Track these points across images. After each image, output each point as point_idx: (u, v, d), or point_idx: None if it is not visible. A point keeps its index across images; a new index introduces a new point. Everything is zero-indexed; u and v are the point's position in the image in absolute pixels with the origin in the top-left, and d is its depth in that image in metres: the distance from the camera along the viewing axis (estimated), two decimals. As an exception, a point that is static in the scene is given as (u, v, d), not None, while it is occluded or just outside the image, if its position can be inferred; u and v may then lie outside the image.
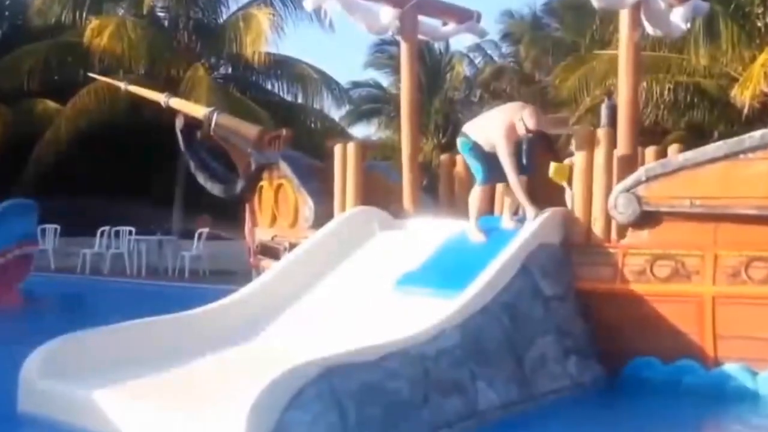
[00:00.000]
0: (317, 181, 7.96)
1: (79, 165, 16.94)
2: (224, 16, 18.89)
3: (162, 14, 18.89)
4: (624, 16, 6.71)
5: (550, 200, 6.40)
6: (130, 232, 15.25)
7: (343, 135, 20.18)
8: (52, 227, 14.93)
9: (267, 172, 8.40)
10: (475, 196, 6.45)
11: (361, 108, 26.51)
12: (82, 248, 14.98)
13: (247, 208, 9.04)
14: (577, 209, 6.31)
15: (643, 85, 14.36)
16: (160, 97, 9.44)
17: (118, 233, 15.36)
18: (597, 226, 6.24)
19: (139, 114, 15.18)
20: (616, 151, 6.41)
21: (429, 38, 9.18)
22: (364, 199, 7.41)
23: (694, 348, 5.79)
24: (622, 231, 6.17)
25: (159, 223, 16.19)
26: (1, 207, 10.18)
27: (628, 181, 6.04)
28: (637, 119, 6.89)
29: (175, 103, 9.38)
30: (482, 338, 5.06)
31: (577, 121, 15.09)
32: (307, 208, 7.79)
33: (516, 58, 26.47)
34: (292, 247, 7.26)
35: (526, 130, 6.15)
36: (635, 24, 6.71)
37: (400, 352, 4.51)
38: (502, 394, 4.94)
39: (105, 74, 14.35)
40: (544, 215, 6.16)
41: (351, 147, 7.73)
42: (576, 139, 6.56)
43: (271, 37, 17.37)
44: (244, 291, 6.16)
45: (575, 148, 6.48)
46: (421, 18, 7.84)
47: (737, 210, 5.67)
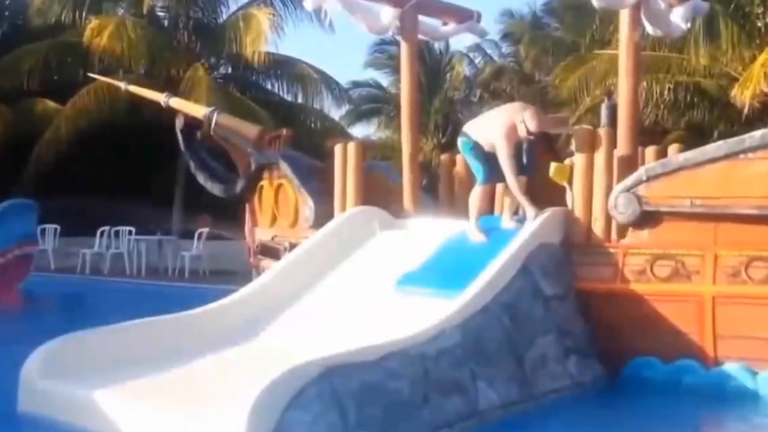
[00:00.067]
0: (317, 181, 7.94)
1: (79, 165, 16.93)
2: (224, 15, 18.93)
3: (162, 14, 18.91)
4: (624, 16, 6.71)
5: (552, 200, 6.40)
6: (130, 232, 15.25)
7: (343, 135, 20.17)
8: (52, 227, 14.92)
9: (267, 172, 8.40)
10: (476, 196, 6.44)
11: (361, 108, 26.52)
12: (82, 248, 15.00)
13: (247, 208, 9.03)
14: (577, 209, 6.31)
15: (643, 84, 14.36)
16: (160, 97, 9.44)
17: (118, 233, 15.36)
18: (597, 226, 6.23)
19: (139, 114, 15.18)
20: (616, 151, 6.42)
21: (429, 38, 9.18)
22: (365, 199, 7.41)
23: (694, 348, 5.78)
24: (622, 231, 6.17)
25: (159, 223, 16.19)
26: (1, 207, 10.18)
27: (629, 180, 6.04)
28: (638, 119, 6.89)
29: (175, 103, 9.38)
30: (482, 338, 5.05)
31: (577, 121, 15.06)
32: (307, 208, 7.78)
33: (516, 58, 26.47)
34: (292, 247, 7.26)
35: (527, 132, 6.13)
36: (635, 24, 6.70)
37: (401, 352, 4.50)
38: (503, 394, 4.94)
39: (105, 74, 14.36)
40: (544, 215, 6.16)
41: (351, 147, 7.72)
42: (576, 139, 6.56)
43: (271, 37, 17.43)
44: (244, 291, 6.16)
45: (575, 148, 6.48)
46: (421, 18, 7.83)
47: (737, 210, 5.67)
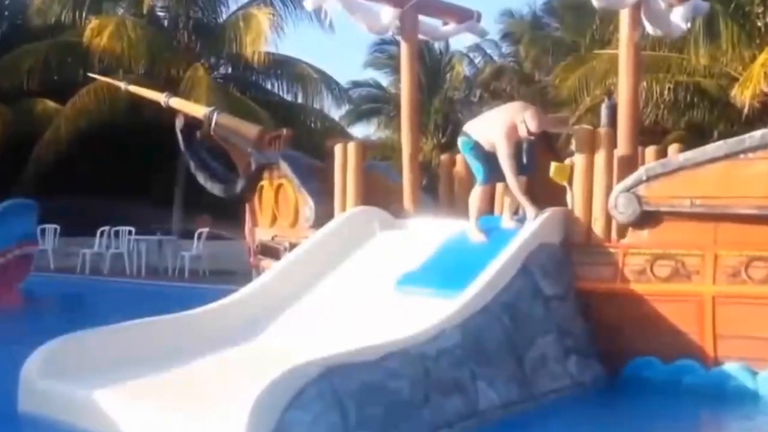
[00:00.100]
0: (317, 180, 7.94)
1: (79, 165, 16.92)
2: (224, 15, 18.93)
3: (162, 14, 18.91)
4: (624, 16, 6.71)
5: (553, 200, 6.40)
6: (130, 232, 15.24)
7: (343, 135, 20.17)
8: (52, 227, 14.92)
9: (267, 172, 8.40)
10: (475, 196, 6.44)
11: (361, 108, 26.52)
12: (81, 248, 14.99)
13: (248, 208, 9.03)
14: (577, 209, 6.31)
15: (643, 84, 14.36)
16: (160, 97, 9.44)
17: (117, 233, 15.35)
18: (597, 226, 6.23)
19: (139, 114, 15.18)
20: (616, 151, 6.41)
21: (429, 38, 9.18)
22: (365, 199, 7.41)
23: (694, 348, 5.78)
24: (622, 231, 6.17)
25: (159, 223, 16.19)
26: (1, 207, 10.18)
27: (629, 180, 6.03)
28: (638, 119, 6.88)
29: (175, 102, 9.38)
30: (483, 338, 5.05)
31: (577, 120, 15.07)
32: (307, 207, 7.78)
33: (516, 57, 26.47)
34: (292, 247, 7.26)
35: (528, 132, 6.12)
36: (635, 24, 6.70)
37: (401, 352, 4.50)
38: (503, 394, 4.94)
39: (105, 74, 14.35)
40: (544, 215, 6.16)
41: (351, 147, 7.72)
42: (576, 139, 6.55)
43: (270, 37, 17.44)
44: (244, 291, 6.16)
45: (575, 148, 6.48)
46: (422, 18, 7.83)
47: (737, 210, 5.67)
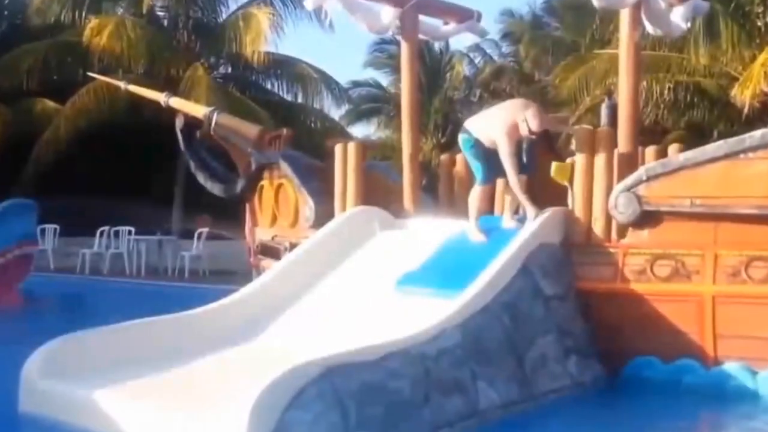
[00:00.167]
0: (317, 180, 7.94)
1: (79, 165, 16.92)
2: (224, 15, 18.93)
3: (161, 13, 18.91)
4: (624, 16, 6.71)
5: (554, 200, 6.39)
6: (130, 232, 15.25)
7: (342, 135, 20.17)
8: (51, 227, 14.92)
9: (267, 172, 8.39)
10: (475, 196, 6.43)
11: (361, 107, 26.52)
12: (81, 248, 14.99)
13: (248, 207, 9.03)
14: (577, 209, 6.31)
15: (643, 84, 14.35)
16: (160, 97, 9.43)
17: (117, 233, 15.36)
18: (597, 226, 6.23)
19: (139, 114, 15.17)
20: (616, 151, 6.41)
21: (429, 38, 9.18)
22: (365, 199, 7.41)
23: (695, 347, 5.78)
24: (622, 230, 6.17)
25: (159, 223, 16.19)
26: (1, 207, 10.18)
27: (629, 180, 6.03)
28: (638, 119, 6.88)
29: (175, 102, 9.37)
30: (483, 338, 5.05)
31: (577, 120, 15.07)
32: (307, 207, 7.77)
33: (516, 57, 26.46)
34: (292, 246, 7.25)
35: (529, 131, 6.11)
36: (635, 23, 6.70)
37: (401, 352, 4.50)
38: (503, 394, 4.94)
39: (104, 74, 14.33)
40: (544, 215, 6.16)
41: (351, 147, 7.72)
42: (576, 139, 6.55)
43: (270, 37, 17.43)
44: (244, 291, 6.15)
45: (575, 148, 6.48)
46: (422, 17, 7.83)
47: (737, 209, 5.67)
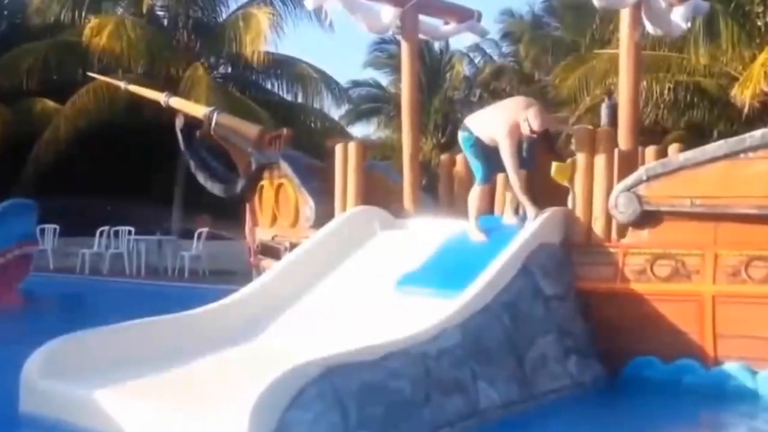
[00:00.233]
0: (318, 180, 7.94)
1: (79, 165, 16.93)
2: (224, 15, 18.94)
3: (161, 13, 18.92)
4: (624, 15, 6.70)
5: (554, 201, 6.39)
6: (130, 232, 15.24)
7: (342, 134, 20.18)
8: (51, 227, 14.92)
9: (267, 172, 8.39)
10: (475, 196, 6.42)
11: (361, 107, 26.53)
12: (81, 248, 14.98)
13: (248, 207, 9.02)
14: (577, 209, 6.30)
15: (643, 84, 14.34)
16: (160, 97, 9.43)
17: (117, 233, 15.35)
18: (597, 226, 6.23)
19: (139, 113, 15.17)
20: (616, 151, 6.41)
21: (430, 37, 9.18)
22: (365, 199, 7.40)
23: (695, 347, 5.78)
24: (622, 230, 6.17)
25: (159, 223, 16.19)
26: (1, 207, 10.18)
27: (629, 180, 6.03)
28: (638, 118, 6.88)
29: (175, 102, 9.37)
30: (483, 338, 5.05)
31: (577, 120, 15.08)
32: (307, 207, 7.77)
33: (516, 57, 26.46)
34: (292, 246, 7.25)
35: (530, 131, 6.10)
36: (636, 23, 6.70)
37: (401, 352, 4.50)
38: (503, 394, 4.94)
39: (104, 73, 14.33)
40: (544, 215, 6.16)
41: (352, 147, 7.72)
42: (576, 138, 6.55)
43: (270, 37, 17.44)
44: (244, 291, 6.15)
45: (575, 148, 6.48)
46: (422, 17, 7.83)
47: (737, 209, 5.67)
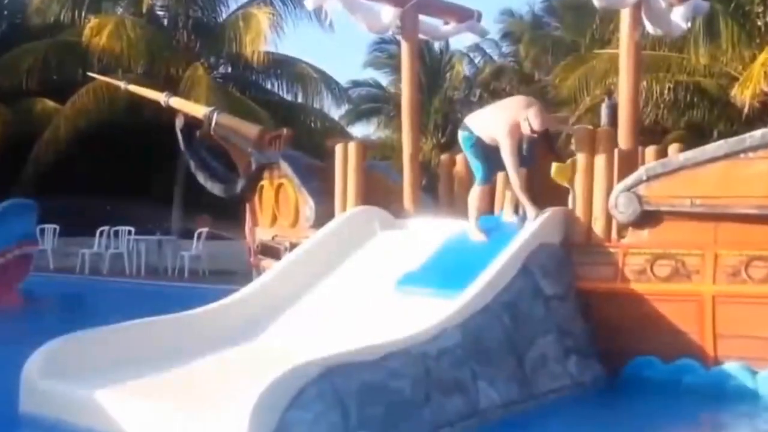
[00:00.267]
0: (318, 180, 7.93)
1: (79, 165, 16.92)
2: (224, 15, 18.94)
3: (161, 13, 18.92)
4: (624, 15, 6.71)
5: (555, 201, 6.39)
6: (130, 232, 15.24)
7: (342, 134, 20.18)
8: (51, 227, 14.92)
9: (267, 172, 8.39)
10: (475, 196, 6.42)
11: (361, 107, 26.52)
12: (81, 248, 14.98)
13: (248, 207, 9.02)
14: (577, 209, 6.31)
15: (643, 84, 14.34)
16: (160, 97, 9.42)
17: (117, 233, 15.35)
18: (597, 226, 6.23)
19: (139, 113, 15.17)
20: (616, 151, 6.41)
21: (430, 37, 9.18)
22: (365, 199, 7.40)
23: (695, 347, 5.78)
24: (622, 230, 6.17)
25: (158, 223, 16.19)
26: (1, 207, 10.18)
27: (629, 180, 6.03)
28: (638, 118, 6.89)
29: (175, 102, 9.36)
30: (483, 338, 5.06)
31: (577, 120, 15.07)
32: (307, 207, 7.77)
33: (516, 57, 26.46)
34: (292, 246, 7.25)
35: (531, 130, 6.10)
36: (636, 23, 6.70)
37: (402, 352, 4.51)
38: (503, 394, 4.94)
39: (104, 73, 14.34)
40: (544, 215, 6.16)
41: (352, 146, 7.72)
42: (576, 138, 6.55)
43: (270, 37, 17.43)
44: (244, 291, 6.15)
45: (575, 148, 6.48)
46: (422, 17, 7.83)
47: (737, 209, 5.67)
